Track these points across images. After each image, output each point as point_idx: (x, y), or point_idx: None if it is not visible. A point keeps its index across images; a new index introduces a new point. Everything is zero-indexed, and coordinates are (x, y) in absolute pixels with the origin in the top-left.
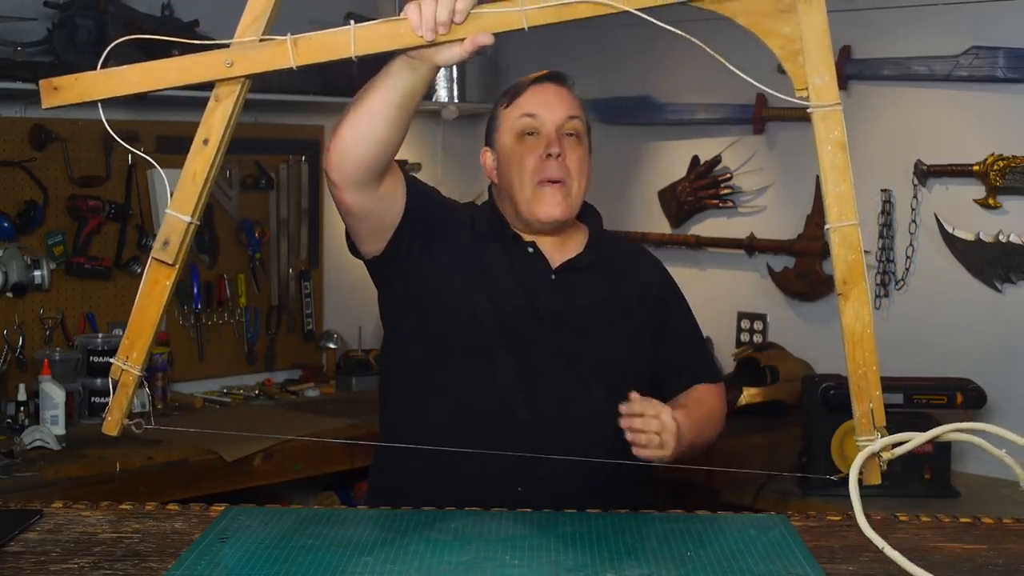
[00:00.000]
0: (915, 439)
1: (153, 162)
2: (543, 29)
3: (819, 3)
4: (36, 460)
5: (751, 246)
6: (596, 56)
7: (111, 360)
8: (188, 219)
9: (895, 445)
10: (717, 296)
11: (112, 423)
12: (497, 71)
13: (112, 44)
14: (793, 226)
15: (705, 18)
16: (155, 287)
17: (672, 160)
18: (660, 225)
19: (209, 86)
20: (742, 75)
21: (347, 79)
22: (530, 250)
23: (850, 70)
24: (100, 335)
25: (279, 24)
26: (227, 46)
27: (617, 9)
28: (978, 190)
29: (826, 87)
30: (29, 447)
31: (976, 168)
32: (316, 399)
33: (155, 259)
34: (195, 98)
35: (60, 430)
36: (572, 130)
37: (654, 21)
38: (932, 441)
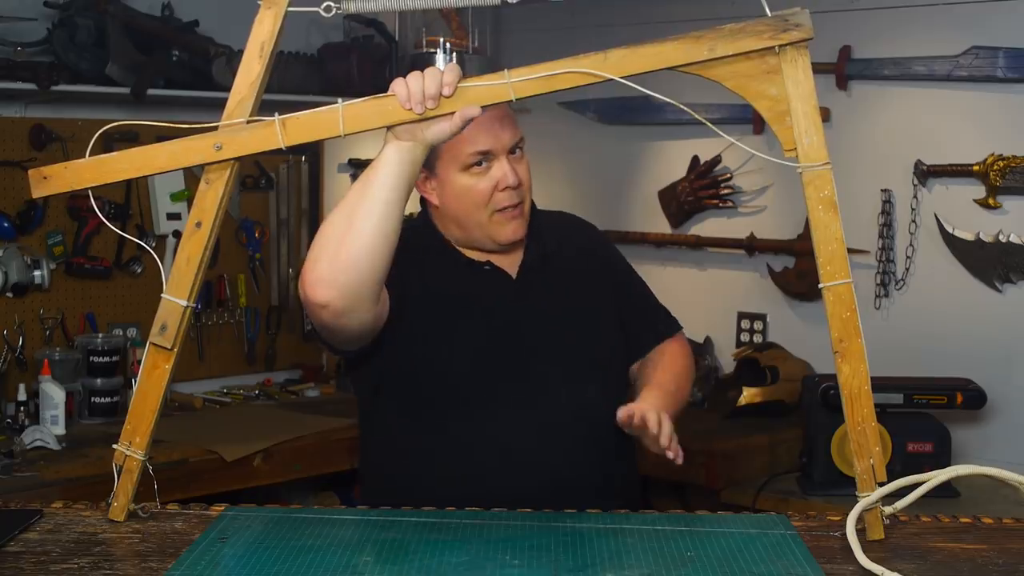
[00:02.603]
0: (912, 493)
1: (146, 246)
2: (541, 31)
3: (804, 64)
4: (36, 460)
5: (751, 246)
6: None
7: (111, 360)
8: (185, 303)
9: (894, 495)
10: (717, 296)
11: (118, 509)
12: (498, 71)
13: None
14: (793, 226)
15: (705, 18)
16: (155, 371)
17: (672, 160)
18: (660, 225)
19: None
20: (717, 130)
21: (347, 78)
22: (487, 267)
23: (850, 70)
24: (100, 335)
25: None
26: (215, 129)
27: (603, 78)
28: (978, 190)
29: (814, 147)
30: (29, 447)
31: (976, 168)
32: (316, 399)
33: (153, 344)
34: (196, 98)
35: (60, 430)
36: (518, 149)
37: (640, 88)
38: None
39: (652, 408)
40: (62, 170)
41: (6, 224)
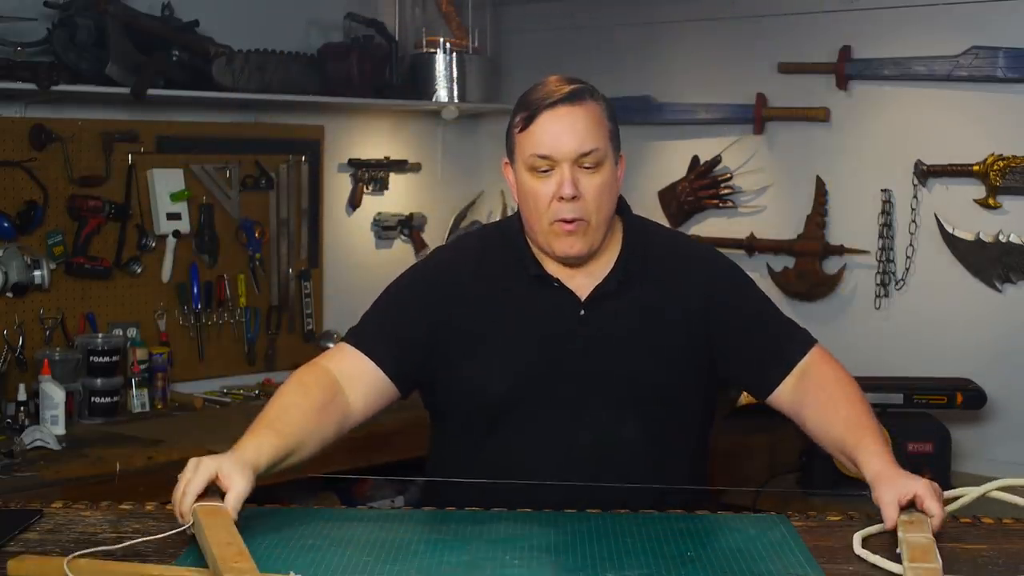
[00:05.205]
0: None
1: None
2: (542, 32)
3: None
4: (36, 460)
5: (751, 246)
6: (596, 56)
7: (111, 360)
8: None
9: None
10: None
11: None
12: (498, 71)
13: None
14: (793, 226)
15: (705, 18)
16: None
17: (672, 160)
18: None
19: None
20: None
21: (347, 78)
22: (555, 285)
23: (850, 70)
24: (100, 335)
25: (277, 26)
26: None
27: None
28: (978, 190)
29: None
30: (29, 447)
31: (976, 168)
32: None
33: None
34: (196, 98)
35: (60, 430)
36: (590, 162)
37: None
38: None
39: (927, 495)
40: None
41: (6, 224)
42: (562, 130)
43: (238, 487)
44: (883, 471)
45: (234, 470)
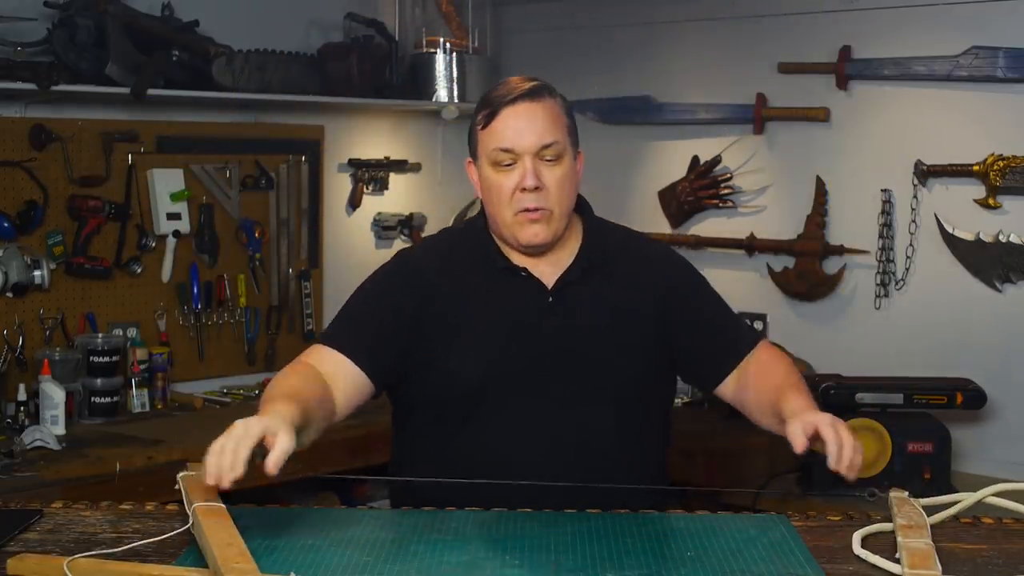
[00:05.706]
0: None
1: None
2: (541, 31)
3: None
4: (36, 460)
5: (751, 246)
6: (596, 56)
7: (111, 360)
8: None
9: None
10: None
11: None
12: (498, 71)
13: None
14: (793, 226)
15: (705, 18)
16: None
17: (672, 160)
18: (660, 225)
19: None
20: None
21: (347, 78)
22: (522, 274)
23: (850, 70)
24: (100, 335)
25: (277, 26)
26: None
27: None
28: (978, 190)
29: None
30: (29, 447)
31: (976, 168)
32: None
33: None
34: (196, 98)
35: (60, 430)
36: (550, 155)
37: None
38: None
39: (826, 422)
40: None
41: (6, 224)
42: (523, 125)
43: (283, 443)
44: (796, 410)
45: (280, 427)
